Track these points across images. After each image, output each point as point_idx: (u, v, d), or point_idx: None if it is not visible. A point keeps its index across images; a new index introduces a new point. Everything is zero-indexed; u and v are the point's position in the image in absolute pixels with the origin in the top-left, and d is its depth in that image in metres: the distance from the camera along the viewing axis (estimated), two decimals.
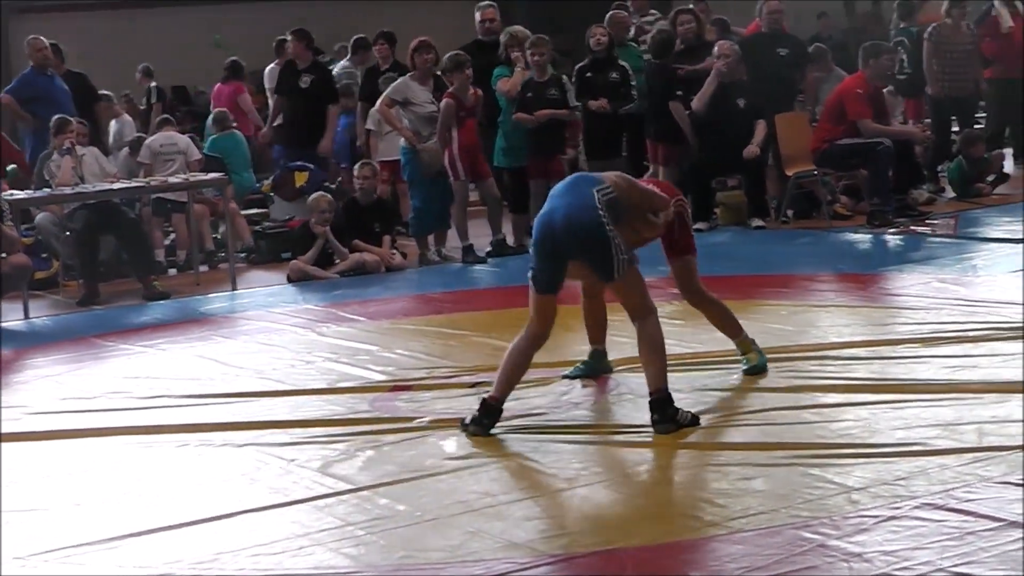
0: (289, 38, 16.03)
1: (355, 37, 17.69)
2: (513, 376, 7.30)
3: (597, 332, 8.22)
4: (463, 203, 13.60)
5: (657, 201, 7.50)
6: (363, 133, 15.94)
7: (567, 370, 8.27)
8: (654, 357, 7.12)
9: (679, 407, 7.06)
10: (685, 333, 8.67)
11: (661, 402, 7.04)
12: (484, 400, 7.27)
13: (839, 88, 14.26)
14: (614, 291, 7.28)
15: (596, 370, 8.22)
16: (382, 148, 15.28)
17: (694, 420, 7.07)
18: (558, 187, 7.34)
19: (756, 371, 8.01)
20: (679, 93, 14.13)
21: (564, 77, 14.03)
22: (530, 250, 7.41)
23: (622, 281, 7.09)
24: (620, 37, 14.90)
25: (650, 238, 7.57)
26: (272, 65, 18.53)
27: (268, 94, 18.35)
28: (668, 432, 6.95)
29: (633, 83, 14.20)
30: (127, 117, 17.30)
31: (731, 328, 8.14)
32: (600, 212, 6.99)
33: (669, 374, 7.12)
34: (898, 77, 16.28)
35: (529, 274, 7.27)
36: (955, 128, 16.42)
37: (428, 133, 13.39)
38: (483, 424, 7.18)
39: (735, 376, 7.99)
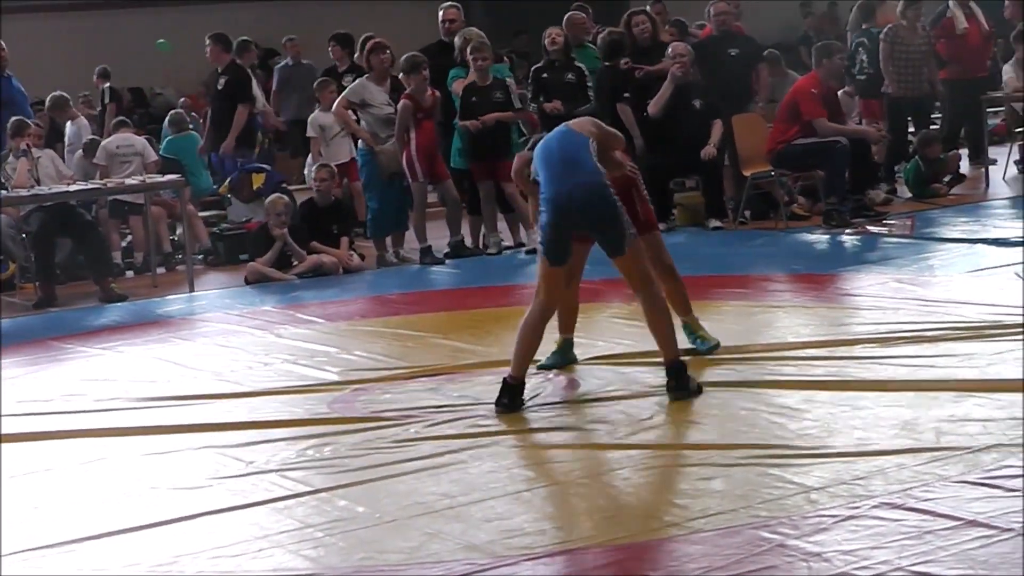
0: (208, 42, 15.98)
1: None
2: (528, 352, 7.63)
3: (568, 320, 8.43)
4: (421, 204, 13.61)
5: (618, 142, 8.06)
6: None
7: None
8: (662, 325, 7.53)
9: (690, 374, 7.47)
10: (644, 334, 8.66)
11: (678, 369, 7.47)
12: (504, 380, 7.54)
13: (793, 88, 14.31)
14: (619, 264, 7.56)
15: (566, 360, 8.43)
16: (329, 152, 15.29)
17: (699, 389, 7.48)
18: (555, 156, 7.56)
19: (711, 350, 8.30)
20: (627, 95, 14.12)
21: (509, 80, 14.05)
22: (540, 226, 7.61)
23: (629, 254, 7.43)
24: (578, 39, 14.92)
25: (615, 177, 7.80)
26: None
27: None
28: (681, 399, 7.36)
29: (589, 84, 14.20)
30: (83, 120, 17.21)
31: (683, 306, 8.38)
32: (611, 189, 7.40)
33: (628, 371, 7.16)
34: (858, 77, 16.35)
35: (540, 248, 7.59)
36: (911, 129, 16.49)
37: (386, 135, 13.39)
38: (506, 403, 7.48)
39: (694, 375, 7.93)
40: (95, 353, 10.30)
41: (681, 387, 7.43)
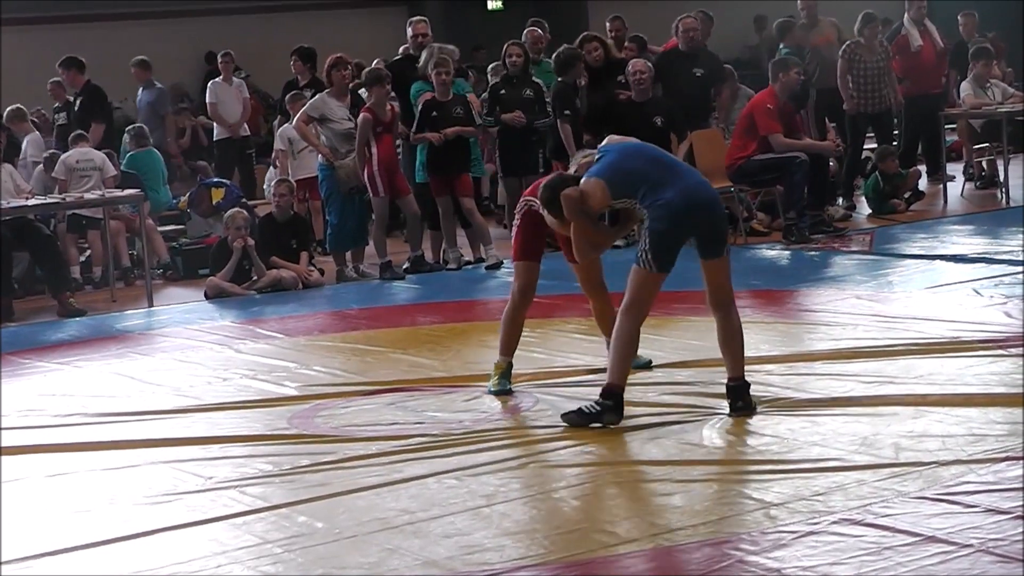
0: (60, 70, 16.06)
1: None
2: (629, 357, 7.45)
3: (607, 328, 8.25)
4: (382, 219, 13.61)
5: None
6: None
7: (487, 385, 8.32)
8: (735, 346, 7.51)
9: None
10: (598, 349, 8.69)
11: (741, 388, 7.46)
12: (605, 390, 7.36)
13: (749, 103, 14.39)
14: (713, 269, 7.48)
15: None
16: (296, 166, 15.29)
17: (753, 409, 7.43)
18: (662, 160, 7.61)
19: (641, 367, 8.40)
20: (567, 112, 14.12)
21: (470, 95, 14.07)
22: (650, 231, 7.32)
23: (725, 257, 7.50)
24: (534, 55, 15.00)
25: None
26: (214, 80, 18.58)
27: (209, 108, 18.47)
28: (742, 416, 7.32)
29: (547, 99, 14.24)
30: (37, 134, 17.10)
31: (610, 325, 8.12)
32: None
33: (588, 388, 7.16)
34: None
35: (648, 256, 7.28)
36: (872, 145, 16.59)
37: (346, 150, 13.39)
38: (614, 418, 7.32)
39: (652, 393, 8.02)
40: (53, 368, 10.28)
41: (747, 406, 7.41)
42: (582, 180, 7.55)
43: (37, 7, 22.34)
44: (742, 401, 7.42)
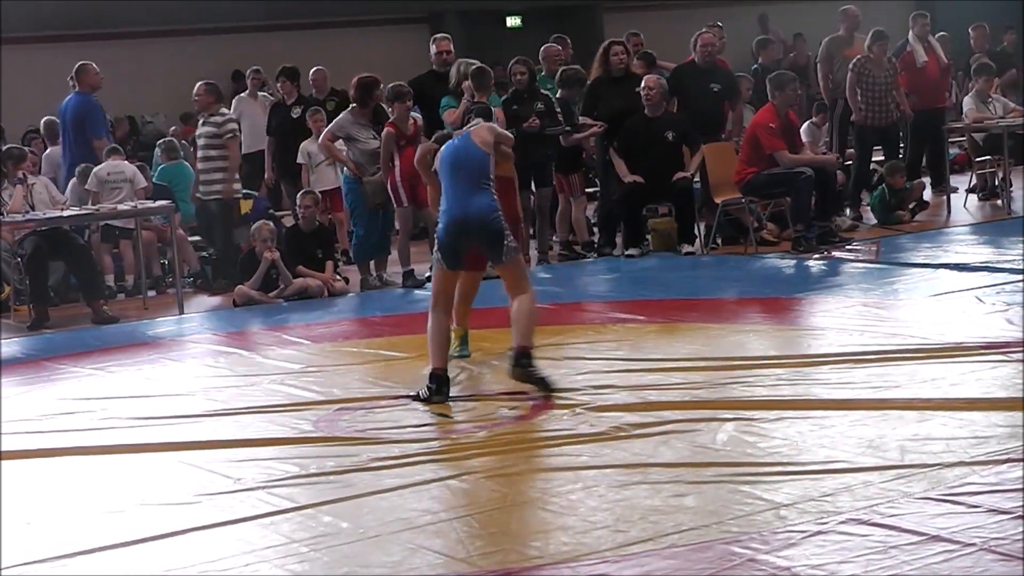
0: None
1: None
2: (443, 344, 8.61)
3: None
4: (406, 229, 13.73)
5: (509, 140, 9.07)
6: (271, 166, 16.47)
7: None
8: (527, 322, 8.41)
9: (537, 365, 8.33)
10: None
11: (522, 354, 8.31)
12: (431, 375, 8.41)
13: (752, 123, 14.49)
14: (501, 271, 8.63)
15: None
16: (314, 180, 15.49)
17: (547, 384, 8.25)
18: (461, 171, 8.59)
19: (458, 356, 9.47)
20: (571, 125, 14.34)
21: (496, 109, 14.22)
22: (438, 238, 8.61)
23: (509, 263, 8.47)
24: (551, 70, 15.20)
25: (502, 174, 9.14)
26: (240, 96, 18.73)
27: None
28: (518, 378, 8.29)
29: (558, 110, 14.37)
30: (53, 148, 17.15)
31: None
32: (500, 215, 8.44)
33: (610, 394, 7.31)
34: None
35: (439, 256, 8.55)
36: (880, 157, 16.73)
37: (372, 168, 13.51)
38: (441, 397, 8.40)
39: (664, 396, 8.13)
40: (87, 373, 10.38)
41: (520, 365, 8.29)
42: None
43: (68, 24, 22.61)
44: (519, 366, 8.29)
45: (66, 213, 13.55)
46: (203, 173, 14.57)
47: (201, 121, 14.75)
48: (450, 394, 8.45)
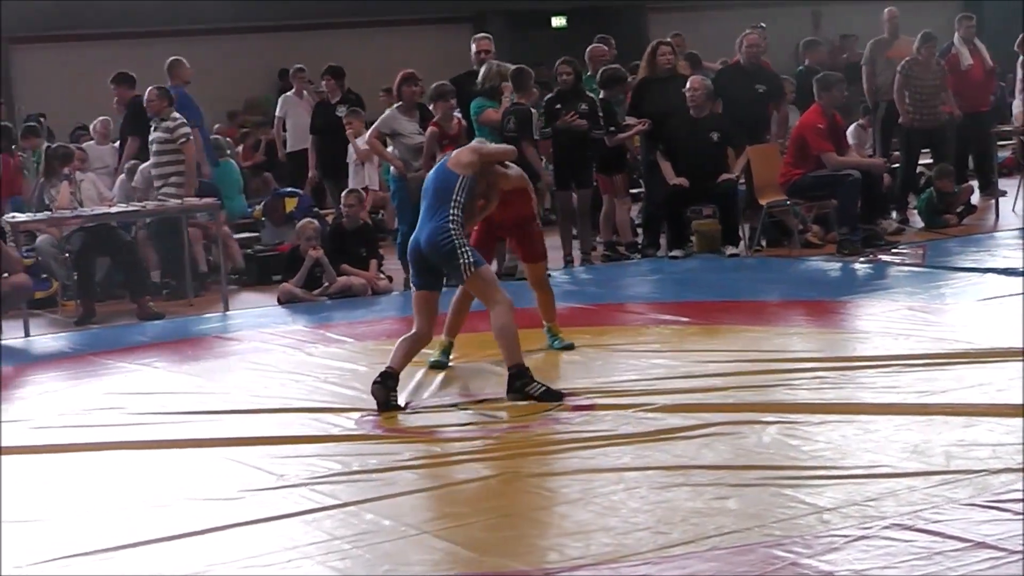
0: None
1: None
2: (412, 354, 8.72)
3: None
4: None
5: (506, 154, 9.27)
6: (315, 164, 16.52)
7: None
8: (503, 340, 8.47)
9: (536, 381, 8.34)
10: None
11: (515, 376, 8.36)
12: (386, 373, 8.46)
13: (799, 124, 14.48)
14: (468, 287, 8.89)
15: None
16: (356, 179, 15.63)
17: (550, 395, 8.27)
18: (428, 192, 8.75)
19: (566, 347, 9.76)
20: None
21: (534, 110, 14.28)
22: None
23: (469, 280, 8.59)
24: (595, 70, 15.18)
25: (508, 188, 9.24)
26: (286, 95, 18.86)
27: (278, 124, 18.81)
28: (516, 400, 8.27)
29: (601, 113, 14.37)
30: (89, 144, 17.28)
31: (551, 312, 9.95)
32: (452, 233, 8.46)
33: (653, 396, 7.29)
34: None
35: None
36: (928, 160, 16.67)
37: (418, 164, 13.52)
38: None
39: (709, 397, 8.14)
40: (132, 368, 10.45)
41: (515, 390, 8.34)
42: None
43: (116, 22, 22.80)
44: (513, 390, 8.37)
45: (113, 209, 13.68)
46: (156, 179, 14.42)
47: (153, 126, 14.54)
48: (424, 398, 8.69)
